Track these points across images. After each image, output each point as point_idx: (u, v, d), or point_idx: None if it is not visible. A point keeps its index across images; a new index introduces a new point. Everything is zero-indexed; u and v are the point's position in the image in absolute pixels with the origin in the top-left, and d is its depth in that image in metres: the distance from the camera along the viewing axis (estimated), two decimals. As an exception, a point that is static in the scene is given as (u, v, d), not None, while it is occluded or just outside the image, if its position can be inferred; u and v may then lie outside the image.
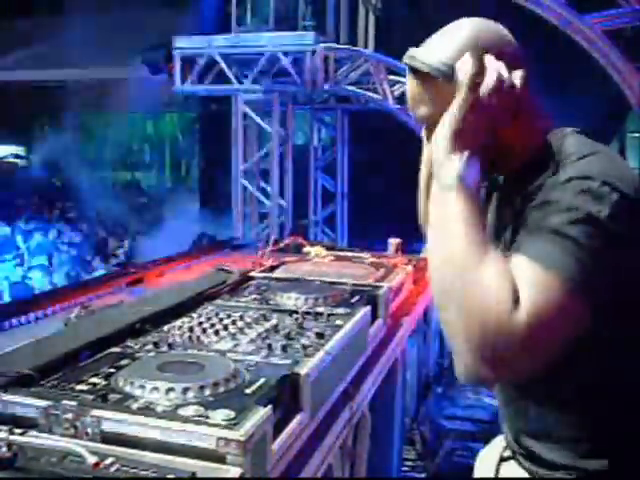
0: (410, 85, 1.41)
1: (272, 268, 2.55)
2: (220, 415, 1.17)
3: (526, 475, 1.41)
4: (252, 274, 2.40)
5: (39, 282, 8.85)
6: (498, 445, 1.57)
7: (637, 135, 8.62)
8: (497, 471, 1.53)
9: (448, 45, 1.34)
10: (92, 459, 1.04)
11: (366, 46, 6.56)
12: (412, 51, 1.39)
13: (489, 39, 1.33)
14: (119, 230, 11.76)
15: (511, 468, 1.47)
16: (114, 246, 10.58)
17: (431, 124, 1.36)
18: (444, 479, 3.93)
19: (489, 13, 1.41)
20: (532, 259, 1.14)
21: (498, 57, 1.28)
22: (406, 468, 3.86)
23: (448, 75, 1.30)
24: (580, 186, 1.17)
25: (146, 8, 14.13)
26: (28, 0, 14.74)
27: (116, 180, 19.91)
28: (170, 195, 14.76)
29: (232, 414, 1.18)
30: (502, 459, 1.53)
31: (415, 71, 1.37)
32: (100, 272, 8.24)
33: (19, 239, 10.85)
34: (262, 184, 6.30)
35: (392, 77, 5.60)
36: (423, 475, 3.97)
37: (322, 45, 5.76)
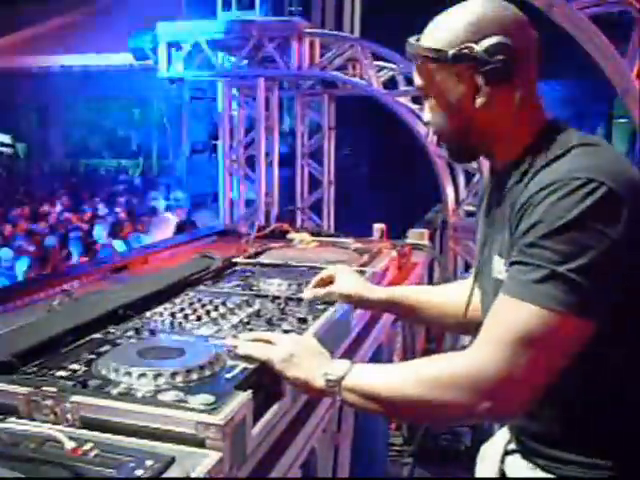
0: (414, 78, 1.43)
1: (256, 254, 2.55)
2: (199, 400, 1.18)
3: (532, 468, 1.39)
4: (236, 260, 2.40)
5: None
6: (501, 438, 1.53)
7: (623, 121, 8.64)
8: (502, 465, 1.50)
9: (444, 27, 1.34)
10: (70, 444, 1.04)
11: (352, 32, 6.54)
12: (409, 39, 1.40)
13: (489, 23, 1.31)
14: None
15: (516, 462, 1.45)
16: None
17: (440, 126, 1.41)
18: (430, 464, 3.95)
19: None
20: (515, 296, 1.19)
21: (498, 42, 1.28)
22: (392, 453, 3.88)
23: (441, 58, 1.32)
24: (561, 191, 1.17)
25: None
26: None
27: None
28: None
29: (212, 399, 1.18)
30: (506, 452, 1.50)
31: (415, 61, 1.39)
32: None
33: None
34: (248, 170, 6.28)
35: (378, 63, 5.58)
36: (409, 460, 3.99)
37: (308, 30, 5.74)
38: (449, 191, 5.58)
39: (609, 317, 1.17)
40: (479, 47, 1.28)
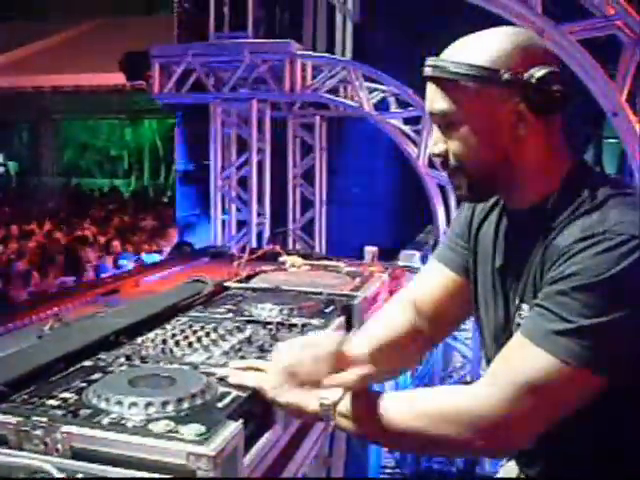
0: (435, 103, 1.28)
1: (248, 278, 2.55)
2: (191, 430, 1.17)
3: None
4: (227, 284, 2.40)
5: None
6: (511, 470, 1.50)
7: (613, 141, 8.70)
8: None
9: (491, 47, 1.24)
10: (60, 476, 1.03)
11: (343, 54, 6.58)
12: (435, 60, 1.27)
13: (538, 50, 1.25)
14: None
15: None
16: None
17: (466, 158, 1.28)
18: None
19: (463, 23, 1.36)
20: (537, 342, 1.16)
21: (552, 71, 1.21)
22: (385, 476, 3.87)
23: (492, 79, 1.21)
24: (600, 245, 1.13)
25: (125, 15, 14.12)
26: (8, 5, 14.65)
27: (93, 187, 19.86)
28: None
29: (203, 429, 1.18)
30: None
31: (442, 84, 1.26)
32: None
33: None
34: (240, 192, 6.28)
35: (369, 84, 5.61)
36: (402, 482, 3.97)
37: (300, 52, 5.77)
38: (440, 212, 5.59)
39: (629, 373, 1.15)
40: (532, 73, 1.21)
